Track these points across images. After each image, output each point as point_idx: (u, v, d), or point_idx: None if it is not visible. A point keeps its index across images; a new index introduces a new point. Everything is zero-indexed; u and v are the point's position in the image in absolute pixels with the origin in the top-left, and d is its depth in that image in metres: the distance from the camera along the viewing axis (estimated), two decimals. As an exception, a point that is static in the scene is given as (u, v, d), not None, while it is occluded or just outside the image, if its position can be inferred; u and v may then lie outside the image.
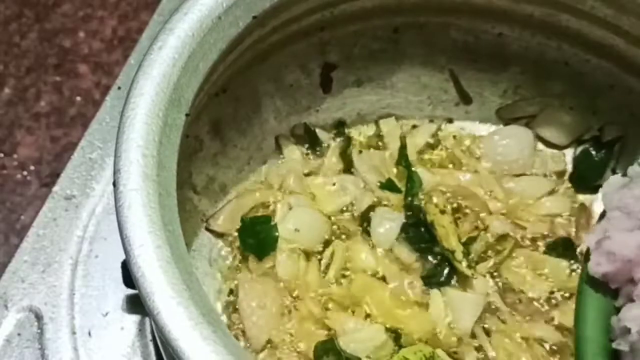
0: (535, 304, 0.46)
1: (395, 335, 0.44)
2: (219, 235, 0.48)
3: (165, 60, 0.39)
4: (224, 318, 0.45)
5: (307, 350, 0.44)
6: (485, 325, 0.45)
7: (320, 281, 0.46)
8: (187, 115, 0.39)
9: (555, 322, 0.46)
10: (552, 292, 0.47)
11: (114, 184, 0.36)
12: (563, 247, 0.48)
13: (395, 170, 0.51)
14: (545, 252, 0.48)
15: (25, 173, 0.56)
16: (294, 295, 0.46)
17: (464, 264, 0.46)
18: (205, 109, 0.46)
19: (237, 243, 0.48)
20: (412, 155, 0.51)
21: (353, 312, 0.45)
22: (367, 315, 0.45)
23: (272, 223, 0.47)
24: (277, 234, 0.47)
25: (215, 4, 0.40)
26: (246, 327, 0.44)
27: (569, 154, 0.52)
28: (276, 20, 0.45)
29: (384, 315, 0.45)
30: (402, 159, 0.51)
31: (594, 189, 0.50)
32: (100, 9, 0.63)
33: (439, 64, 0.53)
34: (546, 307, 0.46)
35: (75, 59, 0.61)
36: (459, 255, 0.46)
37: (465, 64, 0.52)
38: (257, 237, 0.47)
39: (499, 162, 0.51)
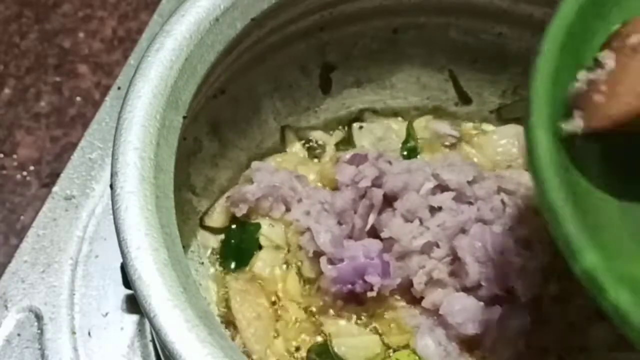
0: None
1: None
2: (216, 231, 0.48)
3: (163, 63, 0.39)
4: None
5: (303, 354, 0.44)
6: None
7: (301, 289, 0.46)
8: (184, 117, 0.39)
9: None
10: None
11: (111, 187, 0.36)
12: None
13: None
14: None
15: (25, 173, 0.56)
16: (274, 299, 0.46)
17: None
18: (203, 110, 0.46)
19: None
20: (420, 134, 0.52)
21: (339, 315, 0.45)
22: (359, 319, 0.45)
23: (258, 234, 0.47)
24: (258, 243, 0.47)
25: (213, 6, 0.40)
26: (245, 338, 0.44)
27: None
28: (274, 22, 0.45)
29: (370, 320, 0.45)
30: (407, 142, 0.51)
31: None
32: (100, 9, 0.63)
33: (438, 64, 0.52)
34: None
35: (75, 59, 0.61)
36: None
37: (465, 64, 0.52)
38: (238, 245, 0.47)
39: (498, 161, 0.51)
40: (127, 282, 0.44)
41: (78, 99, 0.59)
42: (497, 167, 0.51)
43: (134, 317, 0.48)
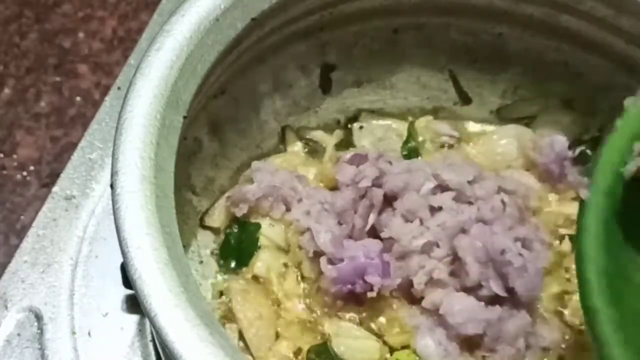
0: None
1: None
2: (216, 231, 0.48)
3: (163, 62, 0.39)
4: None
5: (304, 354, 0.43)
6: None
7: (301, 289, 0.46)
8: (184, 117, 0.39)
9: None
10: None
11: (112, 186, 0.36)
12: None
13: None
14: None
15: (25, 173, 0.56)
16: (274, 299, 0.45)
17: None
18: (204, 110, 0.46)
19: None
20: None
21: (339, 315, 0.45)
22: (359, 319, 0.45)
23: (258, 233, 0.47)
24: (258, 243, 0.47)
25: (213, 5, 0.40)
26: (246, 338, 0.44)
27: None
28: (275, 22, 0.45)
29: (370, 320, 0.45)
30: (408, 142, 0.51)
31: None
32: (100, 9, 0.63)
33: (438, 64, 0.52)
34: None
35: (75, 59, 0.61)
36: None
37: (465, 64, 0.52)
38: (238, 245, 0.47)
39: (498, 161, 0.51)
40: (127, 282, 0.44)
41: (78, 99, 0.59)
42: (497, 167, 0.51)
43: (134, 317, 0.48)
